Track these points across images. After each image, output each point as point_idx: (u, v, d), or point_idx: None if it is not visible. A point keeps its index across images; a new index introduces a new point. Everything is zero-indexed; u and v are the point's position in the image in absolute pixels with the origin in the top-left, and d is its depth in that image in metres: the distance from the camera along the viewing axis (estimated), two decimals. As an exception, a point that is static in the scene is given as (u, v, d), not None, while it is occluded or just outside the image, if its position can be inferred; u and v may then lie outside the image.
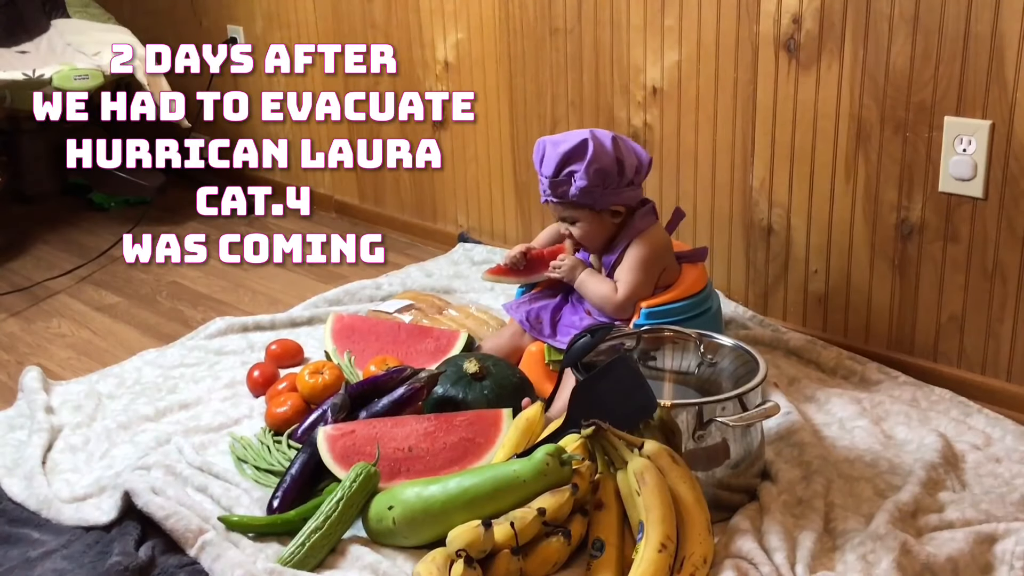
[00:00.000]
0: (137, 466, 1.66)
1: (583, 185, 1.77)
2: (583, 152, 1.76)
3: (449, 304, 2.20)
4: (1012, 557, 1.39)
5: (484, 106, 2.52)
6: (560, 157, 1.77)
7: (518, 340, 1.91)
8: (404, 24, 2.62)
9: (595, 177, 1.76)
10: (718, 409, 1.48)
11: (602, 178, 1.77)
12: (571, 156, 1.77)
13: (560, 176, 1.78)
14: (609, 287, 1.82)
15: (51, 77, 2.66)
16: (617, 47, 2.21)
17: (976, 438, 1.71)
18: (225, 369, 2.02)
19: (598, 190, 1.78)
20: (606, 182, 1.78)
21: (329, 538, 1.44)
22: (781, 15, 1.94)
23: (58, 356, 2.18)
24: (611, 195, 1.80)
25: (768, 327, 2.08)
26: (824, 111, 1.93)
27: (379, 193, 2.88)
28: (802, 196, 2.02)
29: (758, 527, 1.46)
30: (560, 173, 1.78)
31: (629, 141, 1.84)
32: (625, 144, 1.82)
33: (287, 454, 1.67)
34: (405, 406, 1.65)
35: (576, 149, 1.76)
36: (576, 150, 1.76)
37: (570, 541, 1.39)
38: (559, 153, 1.77)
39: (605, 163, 1.77)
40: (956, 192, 1.81)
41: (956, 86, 1.76)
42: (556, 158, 1.78)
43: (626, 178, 1.80)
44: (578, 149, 1.76)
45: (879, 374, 1.91)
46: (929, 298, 1.90)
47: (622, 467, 1.43)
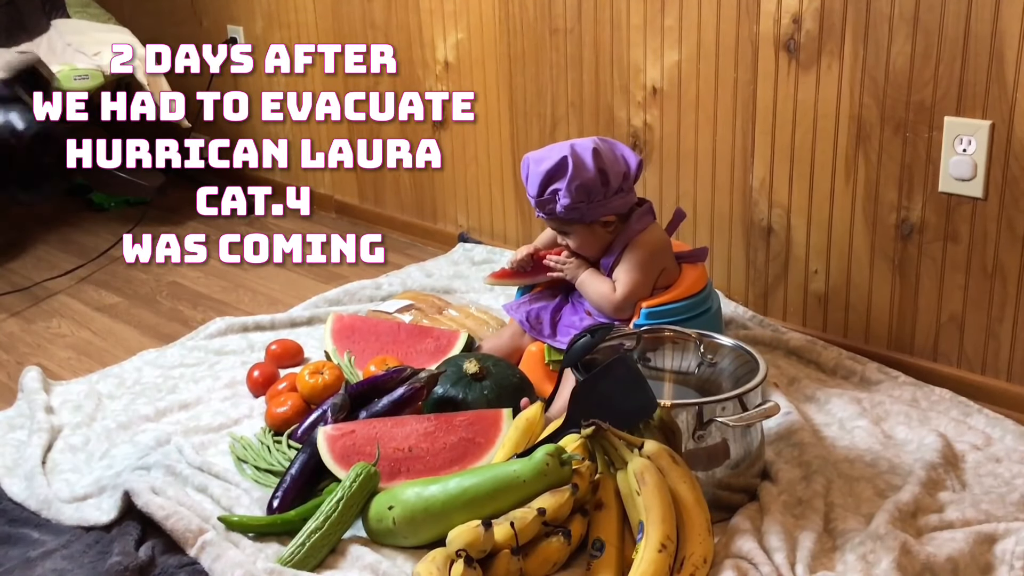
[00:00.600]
0: (137, 466, 1.66)
1: (567, 203, 1.76)
2: (564, 170, 1.75)
3: (449, 304, 2.20)
4: (1012, 557, 1.39)
5: (484, 106, 2.52)
6: (542, 176, 1.76)
7: (518, 340, 1.91)
8: (404, 24, 2.62)
9: (578, 194, 1.75)
10: (718, 409, 1.48)
11: (586, 193, 1.76)
12: (553, 175, 1.76)
13: (544, 195, 1.78)
14: (608, 286, 1.82)
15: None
16: (617, 47, 2.21)
17: (976, 438, 1.70)
18: (225, 369, 2.02)
19: (583, 205, 1.77)
20: (591, 196, 1.77)
21: (329, 538, 1.44)
22: (781, 15, 1.94)
23: (58, 356, 2.18)
24: (598, 208, 1.79)
25: (768, 327, 2.08)
26: (824, 111, 1.93)
27: (379, 193, 2.88)
28: (802, 196, 2.02)
29: (758, 527, 1.46)
30: (544, 192, 1.78)
31: (617, 146, 1.82)
32: (611, 151, 1.79)
33: (287, 454, 1.67)
34: (405, 406, 1.65)
35: (557, 167, 1.75)
36: (557, 168, 1.75)
37: (570, 541, 1.39)
38: (541, 172, 1.77)
39: (586, 179, 1.75)
40: (956, 192, 1.81)
41: (956, 86, 1.76)
42: (539, 177, 1.77)
43: (612, 188, 1.78)
44: (559, 167, 1.75)
45: (879, 374, 1.91)
46: (929, 298, 1.90)
47: (622, 467, 1.43)
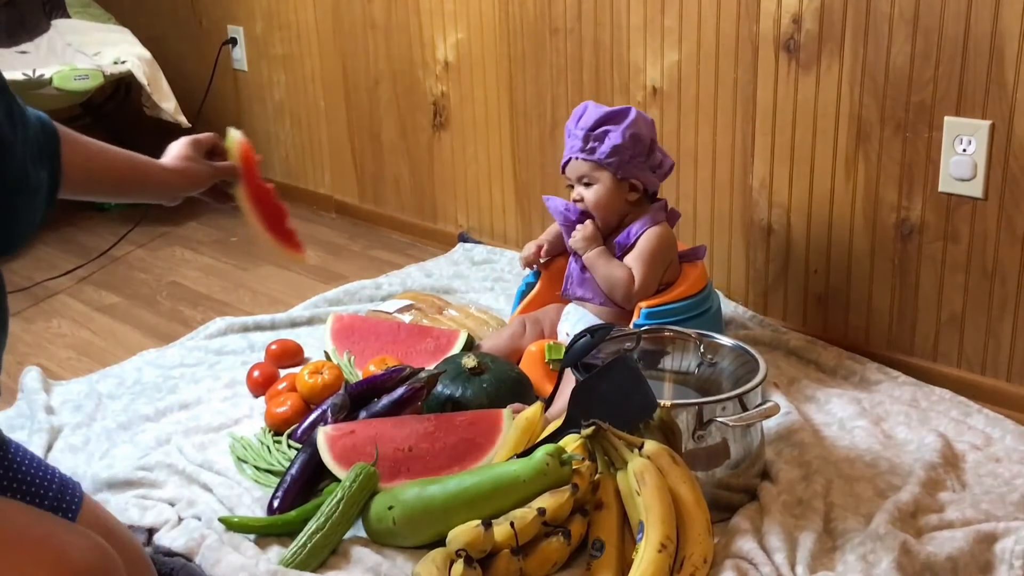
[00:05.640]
0: (137, 466, 1.66)
1: (617, 143, 1.81)
2: (624, 116, 1.83)
3: (449, 304, 2.20)
4: (1012, 556, 1.39)
5: (484, 106, 2.52)
6: (602, 114, 1.83)
7: (518, 340, 1.91)
8: (404, 24, 2.62)
9: (629, 140, 1.81)
10: (718, 409, 1.48)
11: (634, 143, 1.82)
12: (611, 117, 1.83)
13: (597, 131, 1.82)
14: (624, 271, 1.82)
15: (51, 77, 2.67)
16: (617, 47, 2.21)
17: (976, 438, 1.70)
18: (225, 369, 2.02)
19: (627, 153, 1.82)
20: (636, 148, 1.82)
21: (330, 539, 1.44)
22: (781, 15, 1.94)
23: (58, 356, 2.18)
24: (636, 166, 1.83)
25: (768, 327, 2.08)
26: (824, 111, 1.93)
27: (379, 193, 2.88)
28: (802, 196, 2.02)
29: (758, 527, 1.46)
30: (597, 128, 1.82)
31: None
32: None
33: (287, 454, 1.67)
34: (405, 406, 1.65)
35: (618, 112, 1.84)
36: (618, 114, 1.84)
37: (570, 541, 1.39)
38: (602, 111, 1.84)
39: (640, 132, 1.83)
40: (956, 192, 1.81)
41: (956, 86, 1.76)
42: (597, 115, 1.84)
43: (654, 159, 1.85)
44: (620, 113, 1.84)
45: (879, 374, 1.91)
46: (929, 298, 1.90)
47: (622, 467, 1.43)
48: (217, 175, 1.40)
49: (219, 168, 1.40)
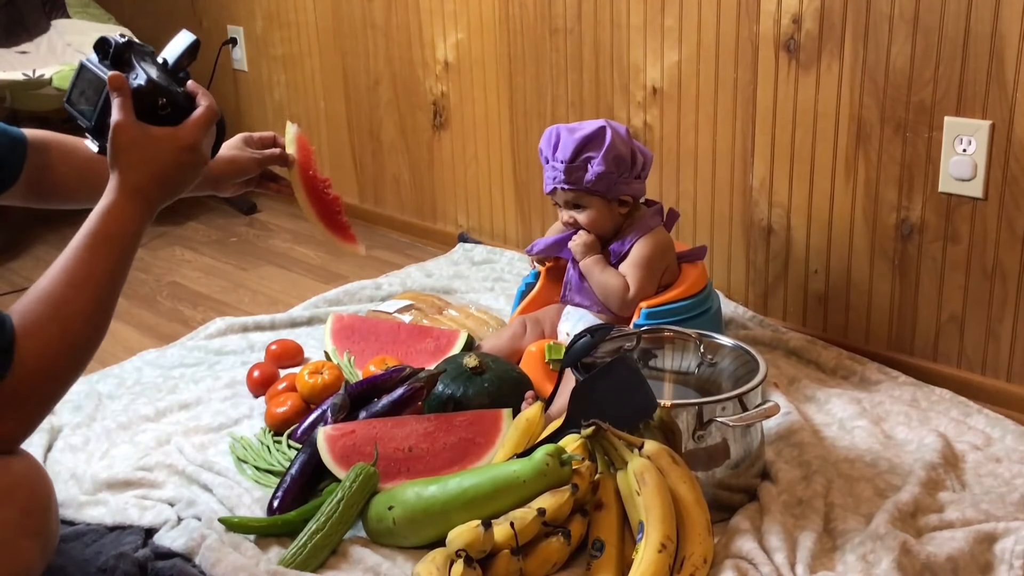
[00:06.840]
0: (137, 466, 1.66)
1: (600, 171, 1.79)
2: (601, 138, 1.79)
3: (449, 304, 2.20)
4: (1012, 556, 1.39)
5: (484, 106, 2.52)
6: (578, 142, 1.80)
7: (518, 341, 1.91)
8: (404, 24, 2.62)
9: (612, 164, 1.79)
10: (718, 409, 1.48)
11: (618, 165, 1.80)
12: (588, 142, 1.80)
13: (577, 161, 1.80)
14: (619, 280, 1.82)
15: (51, 77, 2.66)
16: (617, 47, 2.21)
17: (976, 438, 1.70)
18: (225, 369, 2.02)
19: (613, 176, 1.80)
20: (620, 169, 1.81)
21: (330, 539, 1.44)
22: (781, 15, 1.94)
23: (58, 356, 2.18)
24: (623, 184, 1.83)
25: (768, 327, 2.08)
26: (824, 111, 1.93)
27: (379, 193, 2.88)
28: (802, 196, 2.02)
29: (758, 527, 1.46)
30: (577, 159, 1.80)
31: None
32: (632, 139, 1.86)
33: (287, 454, 1.67)
34: (405, 406, 1.65)
35: (594, 135, 1.79)
36: (594, 136, 1.79)
37: (570, 541, 1.39)
38: (576, 139, 1.80)
39: (622, 151, 1.80)
40: (956, 192, 1.81)
41: (956, 86, 1.76)
42: (573, 143, 1.80)
43: (637, 168, 1.84)
44: (596, 135, 1.79)
45: (879, 374, 1.91)
46: (929, 298, 1.90)
47: (622, 467, 1.43)
48: (264, 163, 1.61)
49: (266, 156, 1.61)
